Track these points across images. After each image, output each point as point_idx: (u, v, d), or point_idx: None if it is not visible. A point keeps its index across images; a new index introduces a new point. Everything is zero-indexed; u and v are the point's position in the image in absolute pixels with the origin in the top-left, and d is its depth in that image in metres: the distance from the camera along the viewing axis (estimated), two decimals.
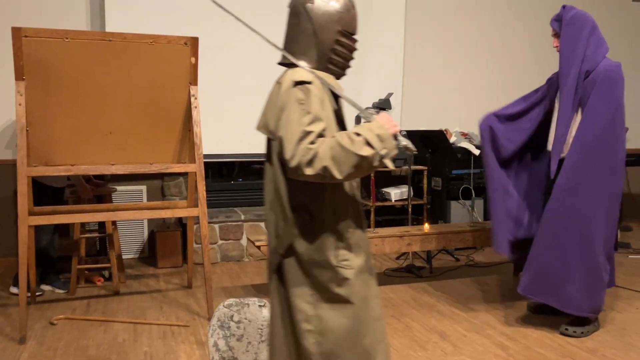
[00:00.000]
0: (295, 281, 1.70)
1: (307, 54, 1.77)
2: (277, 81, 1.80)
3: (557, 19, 3.29)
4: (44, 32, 3.34)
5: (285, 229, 1.69)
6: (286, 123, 1.60)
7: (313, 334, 1.68)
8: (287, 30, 1.84)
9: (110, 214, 3.76)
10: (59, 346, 3.17)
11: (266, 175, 1.79)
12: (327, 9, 1.76)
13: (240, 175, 5.72)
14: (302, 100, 1.63)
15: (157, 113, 3.63)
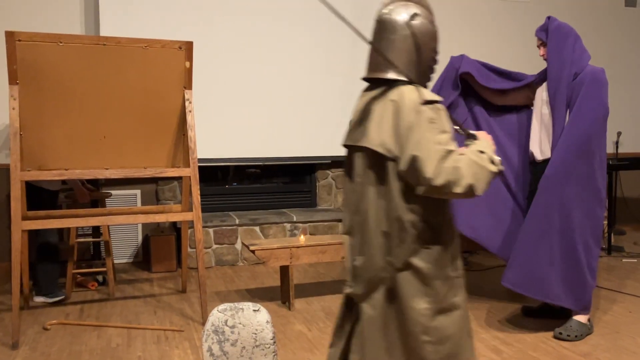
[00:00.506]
0: (412, 294, 1.74)
1: (409, 70, 1.77)
2: (377, 98, 1.77)
3: (542, 29, 3.42)
4: (38, 36, 3.34)
5: (404, 245, 1.72)
6: (422, 142, 1.62)
7: (431, 344, 1.73)
8: (381, 46, 1.78)
9: (104, 219, 3.75)
10: (52, 352, 3.15)
11: (357, 193, 1.82)
12: (428, 27, 1.81)
13: (234, 180, 5.72)
14: (433, 119, 1.66)
15: (151, 117, 3.62)
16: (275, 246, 3.82)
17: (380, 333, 1.78)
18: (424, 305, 1.73)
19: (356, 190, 1.83)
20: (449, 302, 1.77)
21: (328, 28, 5.48)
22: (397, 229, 1.73)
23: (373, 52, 1.82)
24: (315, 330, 3.45)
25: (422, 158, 1.61)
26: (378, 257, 1.77)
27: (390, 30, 1.77)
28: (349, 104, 5.64)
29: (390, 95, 1.73)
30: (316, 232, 5.33)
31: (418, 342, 1.73)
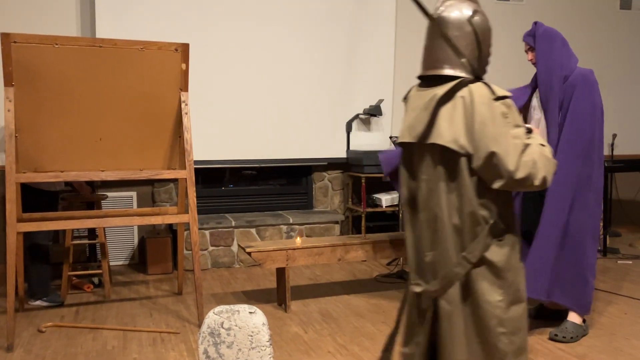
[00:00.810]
0: (487, 288, 1.78)
1: (473, 66, 1.79)
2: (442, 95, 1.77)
3: (530, 34, 3.45)
4: (34, 38, 3.33)
5: (478, 239, 1.76)
6: (499, 138, 1.66)
7: (507, 335, 1.78)
8: (444, 43, 1.80)
9: (100, 221, 3.75)
10: (47, 354, 3.14)
11: (423, 190, 1.83)
12: (486, 23, 1.85)
13: (230, 181, 5.72)
14: (506, 114, 1.70)
15: (147, 119, 3.62)
16: (271, 248, 3.82)
17: (459, 328, 1.81)
18: (498, 298, 1.77)
19: (422, 187, 1.84)
20: (519, 293, 1.82)
21: (324, 31, 5.49)
22: (470, 224, 1.76)
23: (430, 50, 1.83)
24: (311, 332, 3.45)
25: (501, 153, 1.65)
26: (452, 252, 1.79)
27: (452, 27, 1.78)
28: (345, 106, 5.65)
29: (458, 93, 1.73)
30: (312, 234, 5.33)
31: (494, 334, 1.78)
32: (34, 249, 3.93)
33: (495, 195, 1.75)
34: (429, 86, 1.85)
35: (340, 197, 5.85)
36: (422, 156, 1.83)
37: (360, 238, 4.21)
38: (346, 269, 5.03)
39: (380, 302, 4.06)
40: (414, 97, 1.90)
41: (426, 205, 1.84)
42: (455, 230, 1.78)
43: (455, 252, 1.79)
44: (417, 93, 1.90)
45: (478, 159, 1.69)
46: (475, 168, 1.71)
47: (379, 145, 5.74)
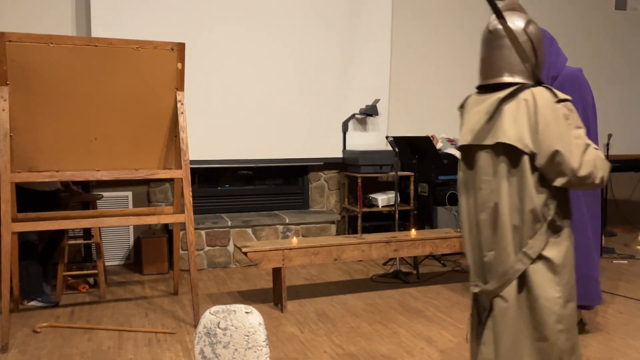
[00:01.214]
0: (545, 285, 1.82)
1: (531, 72, 1.88)
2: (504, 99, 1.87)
3: None
4: (29, 37, 3.32)
5: (538, 236, 1.83)
6: (562, 137, 1.76)
7: (564, 332, 1.83)
8: (503, 52, 1.91)
9: (95, 220, 3.73)
10: (42, 355, 3.12)
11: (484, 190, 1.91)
12: (540, 33, 1.95)
13: (227, 181, 5.71)
14: (567, 115, 1.80)
15: (143, 119, 3.61)
16: (267, 248, 3.81)
17: (513, 324, 1.86)
18: (556, 295, 1.82)
19: (483, 188, 1.92)
20: (573, 291, 1.87)
21: (321, 31, 5.49)
22: (530, 221, 1.82)
23: (489, 60, 1.94)
24: (307, 332, 3.45)
25: (565, 152, 1.75)
26: (511, 250, 1.85)
27: (515, 36, 1.86)
28: (340, 106, 5.65)
29: (521, 96, 1.83)
30: (308, 234, 5.33)
31: (554, 331, 1.82)
32: (25, 245, 3.92)
33: (554, 193, 1.83)
34: (488, 93, 1.96)
35: (336, 197, 5.85)
36: (484, 158, 1.92)
37: (356, 238, 4.21)
38: (342, 269, 5.03)
39: (377, 302, 4.05)
40: (473, 104, 2.01)
41: (487, 205, 1.91)
42: (515, 227, 1.85)
43: (514, 249, 1.85)
44: (477, 100, 2.00)
45: (542, 157, 1.78)
46: (539, 166, 1.80)
47: (375, 145, 5.74)
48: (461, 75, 6.22)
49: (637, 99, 6.98)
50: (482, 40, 1.99)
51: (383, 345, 3.22)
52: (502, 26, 1.82)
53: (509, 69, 1.89)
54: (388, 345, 3.23)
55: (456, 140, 5.73)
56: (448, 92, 6.18)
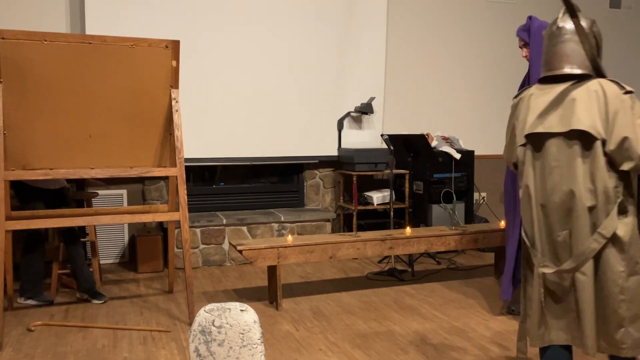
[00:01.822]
0: (613, 261, 2.04)
1: (597, 66, 2.09)
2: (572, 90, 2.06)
3: (524, 29, 3.42)
4: (22, 34, 3.30)
5: (611, 217, 2.02)
6: (630, 125, 1.97)
7: (625, 302, 2.04)
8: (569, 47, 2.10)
9: (90, 219, 3.72)
10: (36, 353, 3.12)
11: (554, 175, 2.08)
12: (600, 31, 2.18)
13: (222, 179, 5.70)
14: (632, 106, 2.01)
15: (137, 116, 3.60)
16: (262, 246, 3.81)
17: (592, 295, 2.06)
18: (620, 269, 2.04)
19: (554, 172, 2.09)
20: (637, 267, 2.06)
21: (316, 29, 5.48)
22: (603, 202, 2.02)
23: (556, 54, 2.11)
24: (302, 330, 3.45)
25: (633, 139, 1.96)
26: (587, 230, 2.04)
27: (584, 33, 2.09)
28: (336, 104, 5.64)
29: (590, 87, 2.04)
30: (304, 232, 5.33)
31: (616, 301, 2.04)
32: (30, 240, 3.92)
33: (621, 176, 2.03)
34: (550, 84, 2.14)
35: (331, 195, 5.85)
36: (555, 144, 2.08)
37: (351, 236, 4.21)
38: (337, 267, 5.03)
39: (371, 299, 4.06)
40: (538, 94, 2.15)
41: (559, 189, 2.07)
42: (589, 209, 2.03)
43: (591, 229, 2.04)
44: (541, 91, 2.15)
45: (612, 143, 1.98)
46: (609, 152, 2.00)
47: (370, 143, 5.75)
48: (456, 74, 6.23)
49: None
50: (548, 35, 2.17)
51: (378, 343, 3.23)
52: (574, 24, 2.04)
53: (574, 62, 2.08)
54: (383, 343, 3.23)
55: (451, 138, 5.74)
56: (443, 90, 6.19)
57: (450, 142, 5.68)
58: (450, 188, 5.40)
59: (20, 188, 3.92)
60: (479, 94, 6.30)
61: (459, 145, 5.70)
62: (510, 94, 6.47)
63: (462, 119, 6.24)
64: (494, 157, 6.26)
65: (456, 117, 6.22)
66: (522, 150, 2.19)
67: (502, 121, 6.77)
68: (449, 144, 5.62)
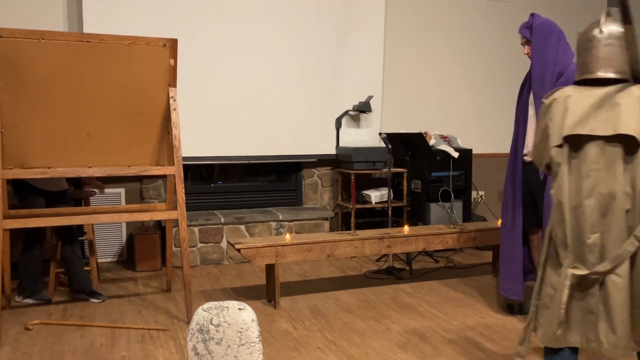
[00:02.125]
0: None
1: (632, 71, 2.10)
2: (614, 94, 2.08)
3: (526, 26, 3.38)
4: (20, 32, 3.29)
5: None
6: None
7: None
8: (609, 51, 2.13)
9: (88, 217, 3.72)
10: (34, 352, 3.11)
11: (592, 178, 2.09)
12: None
13: (220, 178, 5.70)
14: None
15: (135, 115, 3.59)
16: (260, 244, 3.81)
17: (626, 296, 2.07)
18: None
19: (591, 175, 2.09)
20: None
21: (314, 27, 5.48)
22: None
23: (596, 57, 2.14)
24: (300, 329, 3.45)
25: None
26: (624, 233, 2.06)
27: (619, 39, 2.12)
28: (334, 103, 5.64)
29: (633, 92, 2.06)
30: (302, 231, 5.33)
31: None
32: (28, 238, 3.92)
33: None
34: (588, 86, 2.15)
35: (329, 194, 5.85)
36: (595, 147, 2.09)
37: (349, 234, 4.21)
38: (335, 265, 5.04)
39: (369, 297, 4.06)
40: (576, 96, 2.15)
41: (596, 192, 2.08)
42: (627, 212, 2.05)
43: (627, 232, 2.06)
44: (580, 93, 2.15)
45: None
46: None
47: (368, 142, 5.75)
48: (455, 72, 6.23)
49: None
50: (588, 38, 2.18)
51: (376, 341, 3.23)
52: (625, 30, 2.03)
53: (615, 66, 2.11)
54: (381, 341, 3.24)
55: (449, 137, 5.74)
56: (441, 88, 6.19)
57: (448, 140, 5.68)
58: (448, 186, 5.40)
59: (20, 186, 3.92)
60: (478, 92, 6.30)
61: (457, 144, 5.70)
62: (509, 93, 6.50)
63: (460, 117, 6.24)
64: (492, 155, 6.27)
65: (454, 116, 6.22)
66: (558, 151, 2.17)
67: (501, 120, 6.83)
68: (447, 143, 5.62)
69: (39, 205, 3.93)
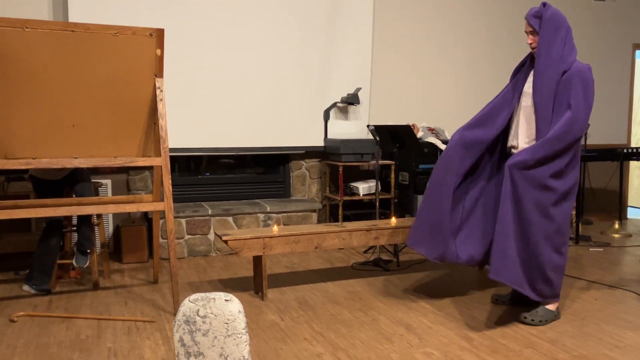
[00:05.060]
0: None
1: None
2: None
3: (536, 15, 3.25)
4: (3, 21, 3.24)
5: None
6: None
7: None
8: None
9: (73, 208, 3.68)
10: (19, 344, 3.09)
11: None
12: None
13: (207, 170, 5.67)
14: None
15: (121, 105, 3.56)
16: (248, 236, 3.81)
17: None
18: None
19: None
20: None
21: (303, 19, 5.45)
22: None
23: None
24: (288, 320, 3.46)
25: None
26: None
27: None
28: (322, 94, 5.63)
29: None
30: (290, 222, 5.33)
31: None
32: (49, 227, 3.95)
33: None
34: None
35: (317, 186, 5.86)
36: None
37: (337, 226, 4.22)
38: (323, 257, 5.04)
39: (357, 289, 4.08)
40: None
41: None
42: None
43: None
44: None
45: None
46: None
47: (356, 134, 5.75)
48: (443, 65, 6.24)
49: (613, 89, 7.07)
50: None
51: (363, 332, 3.25)
52: None
53: None
54: (368, 332, 3.25)
55: (437, 129, 5.76)
56: (429, 81, 6.20)
57: (435, 133, 5.70)
58: None
59: (31, 180, 4.08)
60: (465, 85, 6.32)
61: (445, 136, 5.72)
62: (496, 85, 6.56)
63: (447, 110, 6.26)
64: None
65: (442, 108, 6.24)
66: None
67: None
68: (434, 135, 5.64)
69: (50, 195, 4.03)
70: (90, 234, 4.10)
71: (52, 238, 3.94)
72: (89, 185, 4.15)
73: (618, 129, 7.14)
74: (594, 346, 3.04)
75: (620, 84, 7.09)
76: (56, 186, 4.10)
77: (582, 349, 3.00)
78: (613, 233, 5.98)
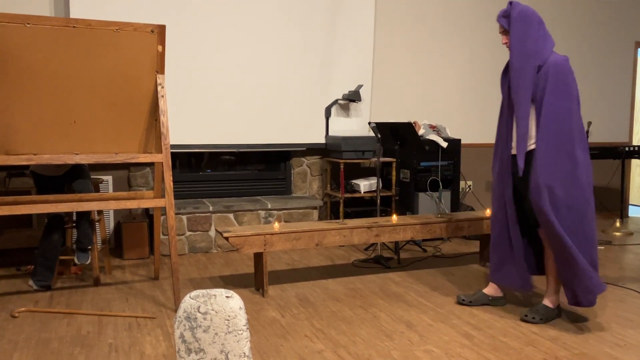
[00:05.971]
0: None
1: None
2: None
3: (504, 15, 3.26)
4: (4, 16, 3.24)
5: None
6: None
7: None
8: None
9: (74, 205, 3.69)
10: (20, 339, 3.10)
11: None
12: None
13: (208, 166, 5.67)
14: None
15: (122, 102, 3.56)
16: (249, 233, 3.81)
17: None
18: None
19: None
20: None
21: (305, 16, 5.44)
22: None
23: None
24: (288, 317, 3.46)
25: None
26: None
27: None
28: (323, 92, 5.63)
29: None
30: (290, 219, 5.33)
31: None
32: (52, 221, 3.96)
33: None
34: None
35: (318, 183, 5.85)
36: None
37: (338, 223, 4.22)
38: (324, 254, 5.05)
39: (357, 286, 4.08)
40: None
41: None
42: None
43: None
44: None
45: None
46: None
47: (357, 131, 5.74)
48: (444, 62, 6.23)
49: (615, 87, 7.06)
50: None
51: (363, 329, 3.25)
52: None
53: None
54: (368, 329, 3.25)
55: (438, 127, 5.75)
56: (431, 78, 6.19)
57: (437, 130, 5.69)
58: (437, 176, 5.42)
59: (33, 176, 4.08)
60: (466, 82, 6.31)
61: (446, 134, 5.71)
62: (497, 83, 6.54)
63: (449, 107, 6.26)
64: (480, 145, 6.30)
65: (443, 106, 6.23)
66: None
67: (489, 110, 6.85)
68: (436, 133, 5.63)
69: (51, 191, 4.03)
70: (88, 231, 4.09)
71: (55, 234, 3.94)
72: (87, 182, 4.14)
73: (620, 127, 7.13)
74: (594, 344, 3.04)
75: (622, 82, 7.08)
76: (57, 182, 4.11)
77: (582, 347, 3.00)
78: (614, 231, 5.97)
